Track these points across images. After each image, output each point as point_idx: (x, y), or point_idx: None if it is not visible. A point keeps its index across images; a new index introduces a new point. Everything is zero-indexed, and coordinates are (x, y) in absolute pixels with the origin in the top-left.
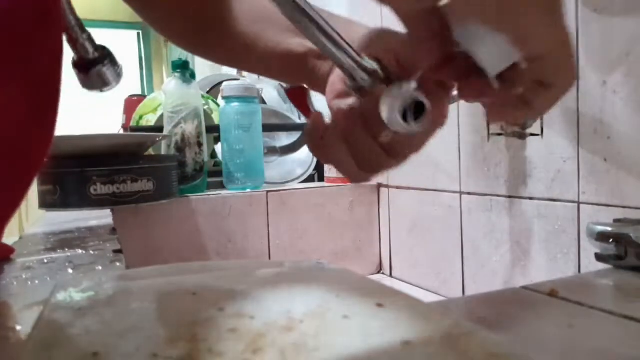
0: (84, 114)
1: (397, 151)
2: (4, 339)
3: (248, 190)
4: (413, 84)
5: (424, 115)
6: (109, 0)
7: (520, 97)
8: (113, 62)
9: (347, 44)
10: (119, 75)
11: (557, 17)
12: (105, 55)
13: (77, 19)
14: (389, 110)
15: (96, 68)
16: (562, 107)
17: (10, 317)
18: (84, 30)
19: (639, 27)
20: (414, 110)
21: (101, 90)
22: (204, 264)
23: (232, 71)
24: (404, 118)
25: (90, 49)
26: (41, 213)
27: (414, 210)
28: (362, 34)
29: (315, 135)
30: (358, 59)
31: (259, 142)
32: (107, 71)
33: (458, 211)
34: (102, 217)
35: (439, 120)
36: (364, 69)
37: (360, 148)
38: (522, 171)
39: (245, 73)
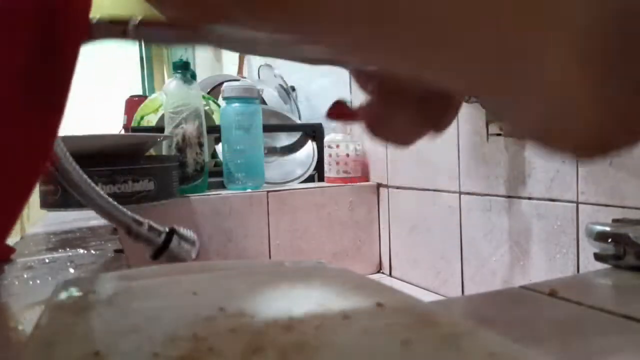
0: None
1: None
2: (5, 338)
3: (248, 190)
4: None
5: None
6: (110, 0)
7: None
8: (182, 237)
9: None
10: (193, 244)
11: None
12: (171, 234)
13: (125, 214)
14: None
15: (167, 251)
16: None
17: (11, 317)
18: (140, 223)
19: None
20: None
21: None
22: (204, 264)
23: (233, 72)
24: None
25: (156, 236)
26: (42, 213)
27: (413, 210)
28: None
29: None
30: None
31: (259, 143)
32: (180, 249)
33: (457, 211)
34: None
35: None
36: None
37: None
38: (521, 171)
39: (245, 73)
